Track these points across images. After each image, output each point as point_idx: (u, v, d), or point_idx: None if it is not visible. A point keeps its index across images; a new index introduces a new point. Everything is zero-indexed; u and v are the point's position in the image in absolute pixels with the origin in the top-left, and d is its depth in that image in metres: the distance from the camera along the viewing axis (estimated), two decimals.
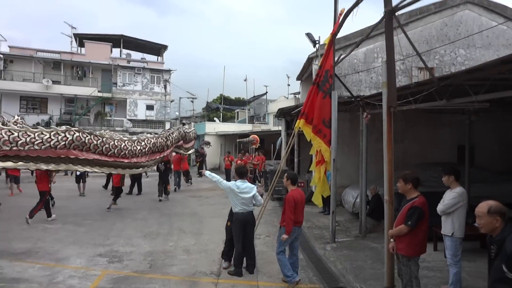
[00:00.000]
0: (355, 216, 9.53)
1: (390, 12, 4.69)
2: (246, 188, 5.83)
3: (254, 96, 39.11)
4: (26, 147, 7.56)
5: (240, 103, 42.95)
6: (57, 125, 26.63)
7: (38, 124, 24.78)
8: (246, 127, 29.28)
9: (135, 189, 14.14)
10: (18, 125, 9.37)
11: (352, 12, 5.90)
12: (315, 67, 11.47)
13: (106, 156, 9.06)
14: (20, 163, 7.86)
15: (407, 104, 5.81)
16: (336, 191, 7.61)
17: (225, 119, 42.33)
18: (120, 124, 30.75)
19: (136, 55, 36.77)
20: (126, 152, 9.49)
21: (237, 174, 6.12)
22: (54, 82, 29.38)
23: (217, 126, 29.50)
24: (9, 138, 7.37)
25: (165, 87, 32.15)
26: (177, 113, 38.87)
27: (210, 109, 42.84)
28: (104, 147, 8.91)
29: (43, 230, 8.57)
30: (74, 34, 33.93)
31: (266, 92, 37.72)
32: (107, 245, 7.41)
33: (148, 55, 37.86)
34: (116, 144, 9.24)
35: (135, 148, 9.77)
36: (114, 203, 11.13)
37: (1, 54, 30.70)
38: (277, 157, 15.54)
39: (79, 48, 34.77)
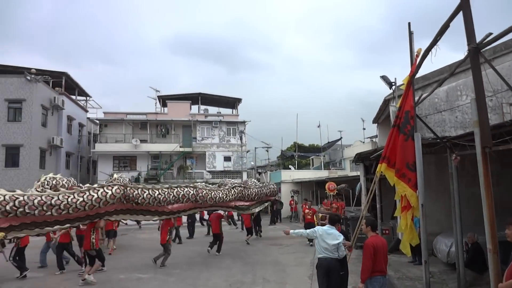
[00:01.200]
0: (450, 267, 8.72)
1: (475, 49, 4.59)
2: (332, 235, 5.77)
3: (328, 142, 38.87)
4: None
5: (315, 149, 42.88)
6: (145, 180, 28.89)
7: (129, 180, 27.00)
8: (322, 174, 28.97)
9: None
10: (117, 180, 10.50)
11: (430, 52, 5.85)
12: (392, 108, 11.26)
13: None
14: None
15: (503, 143, 5.42)
16: (427, 238, 7.14)
17: (300, 166, 42.36)
18: (200, 176, 32.32)
19: (212, 109, 39.28)
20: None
21: (329, 221, 6.14)
22: (141, 141, 32.22)
23: (293, 174, 29.60)
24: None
25: (240, 139, 33.47)
26: (252, 163, 39.84)
27: (285, 157, 43.31)
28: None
29: (137, 280, 9.12)
30: (158, 96, 37.44)
31: (341, 137, 37.30)
32: None
33: (223, 108, 40.20)
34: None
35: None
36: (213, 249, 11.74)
37: (98, 120, 34.77)
38: (357, 203, 15.05)
39: (162, 108, 38.15)
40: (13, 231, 7.30)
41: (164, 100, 37.20)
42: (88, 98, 37.21)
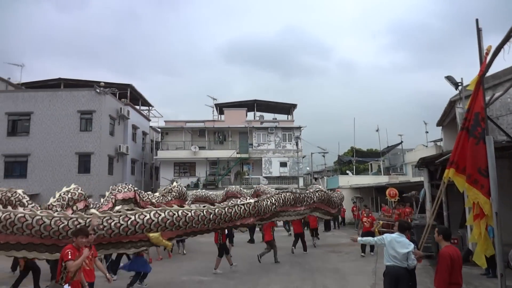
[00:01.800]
0: None
1: None
2: (402, 243, 5.56)
3: (388, 147, 37.46)
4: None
5: (373, 154, 41.51)
6: (204, 186, 29.75)
7: (188, 186, 28.05)
8: (382, 179, 27.96)
9: None
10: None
11: (502, 49, 5.45)
12: (459, 110, 10.63)
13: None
14: None
15: None
16: (502, 249, 6.60)
17: (358, 172, 41.24)
18: (257, 181, 32.59)
19: (268, 116, 39.61)
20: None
21: (398, 228, 5.94)
22: (200, 148, 33.29)
23: (351, 179, 28.90)
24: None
25: (296, 144, 33.37)
26: (308, 168, 39.50)
27: (342, 162, 42.41)
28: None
29: (198, 282, 9.41)
30: (215, 104, 38.54)
31: (401, 141, 35.75)
32: None
33: (278, 114, 40.38)
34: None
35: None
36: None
37: (159, 128, 36.51)
38: (421, 211, 14.32)
39: (219, 115, 39.18)
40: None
41: (220, 107, 38.19)
42: (150, 107, 39.27)
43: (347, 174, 33.68)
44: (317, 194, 11.96)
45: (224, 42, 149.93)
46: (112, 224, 6.84)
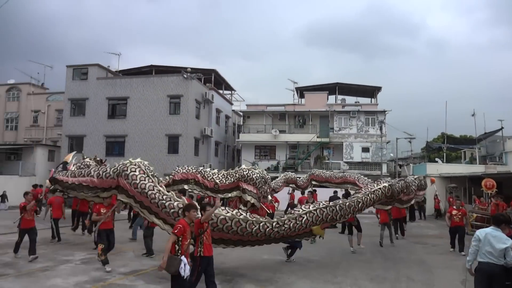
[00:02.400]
0: None
1: None
2: (497, 237, 5.08)
3: (485, 133, 33.98)
4: None
5: (467, 141, 38.02)
6: (284, 169, 30.06)
7: (268, 168, 28.57)
8: (477, 169, 25.59)
9: None
10: None
11: None
12: None
13: None
14: None
15: None
16: None
17: (448, 160, 38.22)
18: (337, 166, 32.07)
19: (350, 99, 38.39)
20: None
21: (493, 222, 5.44)
22: (280, 131, 33.57)
23: (440, 167, 26.90)
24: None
25: (380, 129, 31.93)
26: (392, 155, 37.64)
27: (430, 149, 39.60)
28: None
29: (280, 262, 9.65)
30: (295, 88, 38.39)
31: (502, 127, 32.15)
32: (336, 283, 7.70)
33: (361, 98, 38.89)
34: None
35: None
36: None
37: (241, 112, 37.52)
38: None
39: (299, 99, 38.98)
40: None
41: (301, 91, 37.94)
42: (232, 92, 40.49)
43: (436, 161, 31.35)
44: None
45: (303, 25, 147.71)
46: (291, 225, 8.15)
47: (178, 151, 28.11)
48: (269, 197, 13.68)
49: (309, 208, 8.62)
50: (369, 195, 9.78)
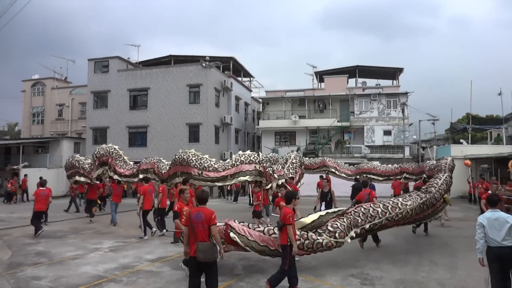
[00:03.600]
0: None
1: None
2: (498, 219, 5.05)
3: None
4: None
5: (493, 121, 36.87)
6: (304, 154, 30.01)
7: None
8: (504, 149, 24.85)
9: None
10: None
11: None
12: None
13: None
14: None
15: None
16: None
17: (474, 141, 37.23)
18: (358, 150, 31.78)
19: (370, 82, 37.70)
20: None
21: (488, 203, 5.42)
22: (300, 117, 33.40)
23: (465, 149, 26.25)
24: None
25: (402, 111, 31.32)
26: (414, 137, 36.92)
27: (455, 130, 38.62)
28: None
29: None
30: (315, 72, 37.96)
31: None
32: (358, 266, 7.75)
33: (382, 80, 38.12)
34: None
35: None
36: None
37: (260, 98, 37.46)
38: None
39: (319, 84, 38.55)
40: None
41: (320, 75, 37.51)
42: (251, 78, 40.37)
43: (461, 143, 30.61)
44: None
45: (320, 9, 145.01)
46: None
47: (199, 139, 28.43)
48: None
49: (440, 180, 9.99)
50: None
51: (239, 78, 37.05)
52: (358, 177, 17.64)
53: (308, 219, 7.30)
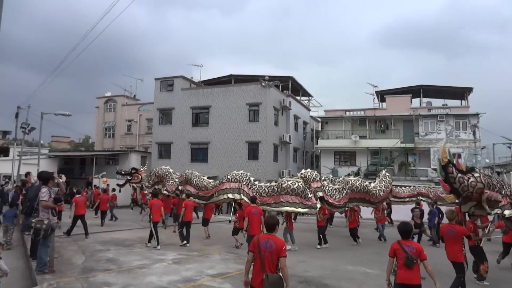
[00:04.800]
0: None
1: None
2: None
3: None
4: None
5: None
6: (365, 175, 29.07)
7: (349, 174, 27.81)
8: None
9: None
10: None
11: None
12: None
13: None
14: None
15: None
16: None
17: None
18: (424, 173, 30.15)
19: (436, 102, 35.89)
20: None
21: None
22: (360, 137, 32.54)
23: None
24: None
25: (473, 133, 29.33)
26: (487, 161, 34.25)
27: None
28: None
29: (363, 274, 9.34)
30: (376, 91, 37.00)
31: None
32: None
33: (449, 100, 36.14)
34: None
35: None
36: None
37: (319, 117, 37.16)
38: None
39: (380, 103, 37.46)
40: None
41: (381, 95, 36.47)
42: (310, 98, 40.29)
43: None
44: None
45: (378, 27, 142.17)
46: None
47: (258, 157, 28.70)
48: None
49: None
50: None
51: (298, 97, 37.13)
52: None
53: None
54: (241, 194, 12.50)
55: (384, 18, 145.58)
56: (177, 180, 15.49)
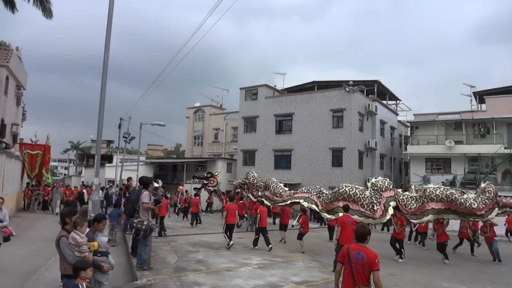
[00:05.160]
0: None
1: None
2: None
3: None
4: None
5: None
6: (462, 184, 26.67)
7: (443, 183, 25.76)
8: None
9: None
10: None
11: None
12: None
13: None
14: None
15: None
16: None
17: None
18: None
19: None
20: None
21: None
22: (456, 142, 29.90)
23: None
24: None
25: None
26: None
27: None
28: None
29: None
30: (473, 92, 33.83)
31: None
32: None
33: None
34: None
35: None
36: None
37: (408, 122, 35.07)
38: None
39: (478, 105, 34.13)
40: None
41: (480, 96, 33.28)
42: (397, 102, 38.28)
43: None
44: None
45: (472, 22, 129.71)
46: None
47: (342, 164, 28.01)
48: None
49: None
50: None
51: (384, 102, 35.51)
52: None
53: None
54: (309, 203, 12.91)
55: (479, 12, 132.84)
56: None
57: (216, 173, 24.42)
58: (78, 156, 67.79)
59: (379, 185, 11.69)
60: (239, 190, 18.82)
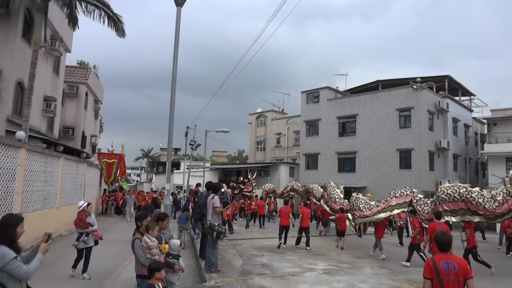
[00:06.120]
0: None
1: None
2: None
3: None
4: None
5: None
6: None
7: None
8: None
9: None
10: None
11: None
12: None
13: None
14: None
15: None
16: None
17: None
18: None
19: None
20: None
21: None
22: None
23: None
24: None
25: None
26: None
27: None
28: None
29: None
30: None
31: None
32: None
33: None
34: None
35: None
36: None
37: (485, 119, 32.38)
38: None
39: None
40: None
41: None
42: (471, 97, 35.57)
43: None
44: None
45: None
46: None
47: (410, 166, 26.63)
48: None
49: None
50: None
51: (456, 98, 33.16)
52: None
53: None
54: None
55: None
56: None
57: (252, 178, 24.69)
58: (148, 164, 72.06)
59: None
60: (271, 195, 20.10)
